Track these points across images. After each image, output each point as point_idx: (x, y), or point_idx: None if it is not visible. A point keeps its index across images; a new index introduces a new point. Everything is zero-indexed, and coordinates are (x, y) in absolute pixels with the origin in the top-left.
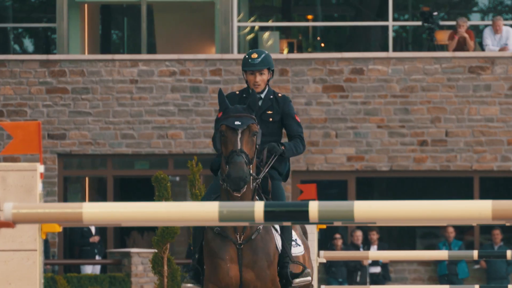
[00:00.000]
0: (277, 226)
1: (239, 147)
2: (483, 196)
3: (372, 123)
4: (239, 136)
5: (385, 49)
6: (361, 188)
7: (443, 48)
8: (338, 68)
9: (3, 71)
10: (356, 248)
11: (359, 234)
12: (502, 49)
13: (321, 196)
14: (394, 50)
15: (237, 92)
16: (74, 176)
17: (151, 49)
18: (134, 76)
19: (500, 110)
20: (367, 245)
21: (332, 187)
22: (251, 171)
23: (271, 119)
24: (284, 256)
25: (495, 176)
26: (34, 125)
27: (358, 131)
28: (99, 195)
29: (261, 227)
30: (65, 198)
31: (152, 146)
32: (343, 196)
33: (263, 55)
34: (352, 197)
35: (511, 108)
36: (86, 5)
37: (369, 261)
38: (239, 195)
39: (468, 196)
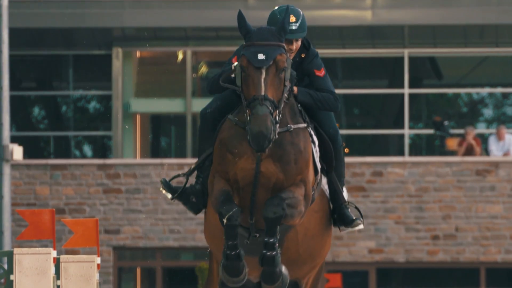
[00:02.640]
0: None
1: (262, 92)
2: (489, 285)
3: (390, 219)
4: (263, 75)
5: (402, 154)
6: (380, 277)
7: (453, 153)
8: (360, 170)
9: (65, 174)
10: None
11: None
12: (505, 154)
13: (345, 285)
14: (410, 155)
15: None
16: (127, 266)
17: (196, 154)
18: None
19: (504, 208)
20: None
21: (355, 277)
22: (277, 118)
23: (295, 88)
24: (337, 199)
25: (499, 267)
26: (92, 222)
27: (378, 227)
28: (149, 283)
29: (292, 126)
30: (119, 287)
31: (196, 239)
32: (364, 285)
33: (301, 18)
34: (373, 285)
35: None
36: (138, 116)
37: None
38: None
39: (475, 285)
